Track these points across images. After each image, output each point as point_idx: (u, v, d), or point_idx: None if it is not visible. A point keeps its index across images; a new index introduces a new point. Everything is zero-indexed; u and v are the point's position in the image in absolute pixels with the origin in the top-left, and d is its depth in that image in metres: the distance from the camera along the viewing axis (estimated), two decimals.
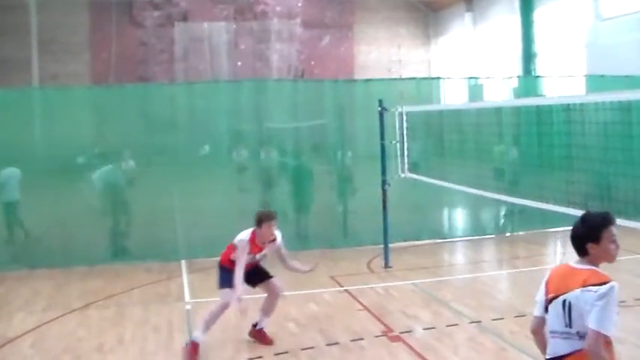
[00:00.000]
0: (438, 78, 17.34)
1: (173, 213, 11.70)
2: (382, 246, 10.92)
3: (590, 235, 3.57)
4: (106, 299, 9.31)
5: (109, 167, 11.82)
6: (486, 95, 14.64)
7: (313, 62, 31.54)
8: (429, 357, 6.61)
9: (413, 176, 10.94)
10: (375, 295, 9.12)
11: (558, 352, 3.60)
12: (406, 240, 12.34)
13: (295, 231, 12.42)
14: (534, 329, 3.90)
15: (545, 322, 3.76)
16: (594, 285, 3.43)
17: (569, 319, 3.54)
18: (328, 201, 12.67)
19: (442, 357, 6.64)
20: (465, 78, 16.07)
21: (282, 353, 6.85)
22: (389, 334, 7.33)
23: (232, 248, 6.92)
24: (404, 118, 10.63)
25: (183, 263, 11.15)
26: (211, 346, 7.04)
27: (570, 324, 3.54)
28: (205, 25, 31.18)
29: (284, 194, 12.52)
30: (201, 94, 12.70)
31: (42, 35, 27.31)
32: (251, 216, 11.77)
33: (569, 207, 7.26)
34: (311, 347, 7.02)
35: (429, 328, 7.51)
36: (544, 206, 7.84)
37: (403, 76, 13.55)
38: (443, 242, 12.94)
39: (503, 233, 13.43)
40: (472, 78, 15.73)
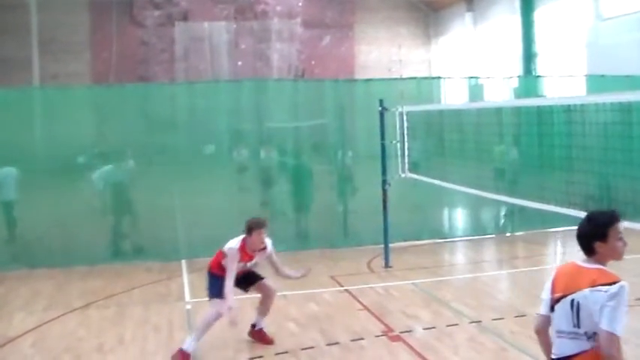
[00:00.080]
0: (439, 78, 17.33)
1: (174, 213, 11.70)
2: (382, 246, 10.92)
3: (597, 234, 3.54)
4: (107, 299, 9.31)
5: (110, 167, 11.82)
6: (487, 95, 14.64)
7: (314, 62, 31.54)
8: (429, 357, 6.61)
9: (413, 176, 10.94)
10: (376, 295, 9.12)
11: (565, 353, 3.55)
12: (406, 240, 12.34)
13: (295, 231, 12.44)
14: (539, 328, 3.81)
15: (550, 322, 3.70)
16: (604, 285, 3.40)
17: (577, 319, 3.49)
18: (328, 201, 12.68)
19: (442, 357, 6.65)
20: (466, 78, 16.07)
21: (282, 353, 6.86)
22: (389, 334, 7.34)
23: (222, 255, 6.82)
24: (404, 118, 10.64)
25: (183, 263, 11.15)
26: (211, 346, 7.05)
27: (578, 324, 3.49)
28: (206, 25, 31.19)
29: (284, 194, 12.53)
30: (201, 94, 12.70)
31: (42, 35, 27.32)
32: (251, 215, 11.86)
33: (569, 208, 7.27)
34: (311, 347, 7.02)
35: (429, 328, 7.52)
36: (544, 207, 7.85)
37: (404, 76, 13.55)
38: (443, 242, 12.94)
39: (503, 233, 13.43)
40: (472, 78, 15.72)
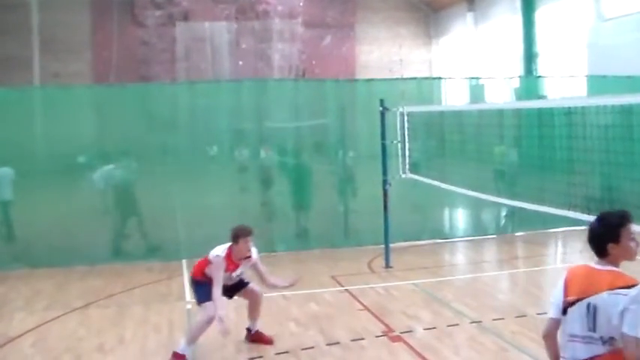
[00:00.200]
0: (440, 78, 17.32)
1: (174, 212, 11.71)
2: (383, 246, 10.92)
3: (609, 235, 3.49)
4: (107, 299, 9.32)
5: (111, 167, 11.83)
6: (487, 95, 14.64)
7: (314, 62, 31.54)
8: (430, 357, 6.61)
9: (414, 176, 10.95)
10: (376, 295, 9.12)
11: (578, 357, 3.48)
12: (407, 240, 12.35)
13: (296, 231, 12.45)
14: (549, 332, 3.68)
15: (559, 325, 3.62)
16: (623, 288, 3.34)
17: (593, 324, 3.42)
18: (329, 201, 12.68)
19: (443, 357, 6.64)
20: (467, 78, 16.07)
21: (282, 353, 6.86)
22: (389, 334, 7.33)
23: (207, 262, 6.78)
24: (405, 118, 10.63)
25: (184, 263, 11.14)
26: (211, 346, 7.05)
27: (594, 328, 3.41)
28: (207, 25, 31.20)
29: (285, 194, 12.53)
30: (202, 94, 12.70)
31: (43, 34, 27.34)
32: (252, 215, 11.90)
33: (570, 210, 7.27)
34: (311, 347, 7.02)
35: (430, 328, 7.51)
36: (545, 209, 7.84)
37: (404, 76, 13.53)
38: (444, 242, 12.94)
39: (504, 233, 13.43)
40: (473, 78, 15.73)
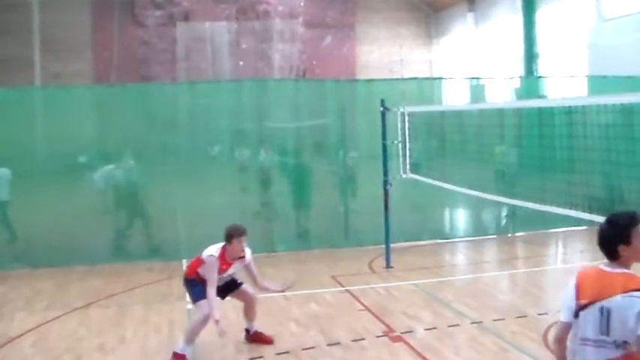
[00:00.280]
0: (440, 78, 17.33)
1: (175, 212, 11.70)
2: (383, 246, 10.92)
3: (619, 237, 3.46)
4: (107, 298, 9.31)
5: (111, 167, 11.83)
6: (488, 95, 14.63)
7: (315, 62, 31.54)
8: (430, 357, 6.60)
9: (414, 176, 10.94)
10: (377, 296, 9.12)
11: None
12: (408, 240, 12.35)
13: (296, 231, 12.45)
14: (561, 337, 3.62)
15: (570, 329, 3.57)
16: (636, 290, 3.31)
17: (606, 327, 3.37)
18: (330, 201, 12.68)
19: (443, 357, 6.64)
20: (467, 78, 16.06)
21: (283, 353, 6.85)
22: (390, 335, 7.33)
23: (200, 262, 6.76)
24: (406, 119, 10.63)
25: (184, 263, 11.11)
26: (211, 346, 7.05)
27: (608, 332, 3.37)
28: (207, 25, 31.20)
29: (285, 194, 12.52)
30: (203, 94, 12.70)
31: (44, 34, 27.35)
32: (252, 215, 11.89)
33: (571, 209, 7.27)
34: (312, 347, 7.01)
35: (430, 329, 7.51)
36: (546, 208, 7.83)
37: (405, 76, 13.53)
38: (444, 242, 12.93)
39: (504, 234, 13.42)
40: (474, 78, 15.72)
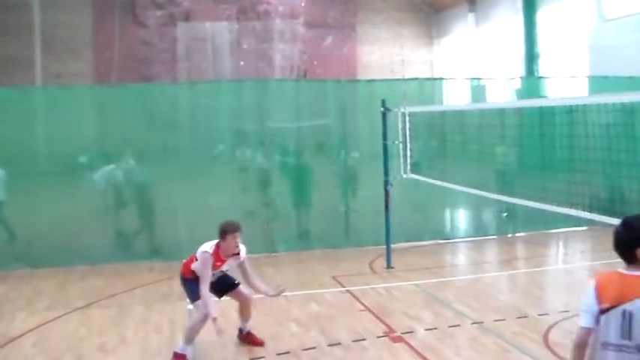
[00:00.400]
0: (441, 78, 17.31)
1: (176, 212, 11.71)
2: (384, 246, 10.92)
3: (637, 240, 3.42)
4: (108, 298, 9.32)
5: (112, 167, 11.84)
6: (489, 96, 14.62)
7: (316, 62, 31.51)
8: (431, 358, 6.60)
9: (415, 177, 10.94)
10: (377, 296, 9.11)
11: None
12: (408, 240, 12.36)
13: (297, 231, 12.45)
14: (582, 342, 3.52)
15: (591, 335, 3.50)
16: None
17: (628, 331, 3.33)
18: (330, 201, 12.67)
19: (444, 358, 6.63)
20: (468, 78, 16.05)
21: (283, 353, 6.85)
22: (391, 335, 7.33)
23: (194, 259, 6.75)
24: (406, 119, 10.63)
25: None
26: (212, 346, 7.05)
27: (630, 336, 3.33)
28: (208, 25, 31.19)
29: (286, 194, 12.52)
30: (203, 94, 12.70)
31: (45, 34, 27.33)
32: (253, 215, 11.90)
33: (571, 209, 7.26)
34: (312, 347, 7.01)
35: (431, 329, 7.50)
36: (546, 207, 7.83)
37: (406, 77, 13.51)
38: (445, 243, 12.93)
39: (505, 234, 13.42)
40: (475, 79, 15.73)
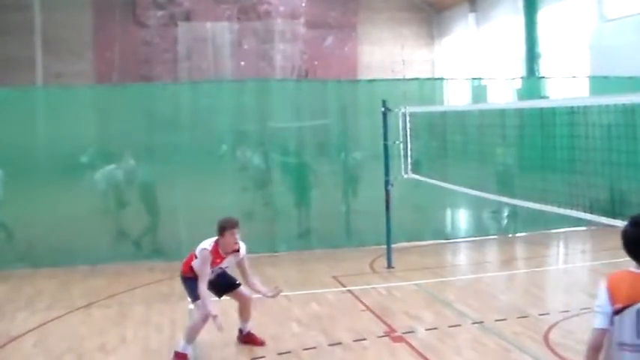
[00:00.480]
0: (442, 78, 17.34)
1: (176, 212, 11.71)
2: (385, 246, 10.93)
3: None
4: (109, 298, 9.32)
5: (112, 167, 11.85)
6: (490, 96, 14.62)
7: (317, 62, 31.51)
8: (432, 357, 6.60)
9: (416, 177, 10.94)
10: (378, 296, 9.12)
11: None
12: (409, 240, 12.37)
13: (298, 231, 12.45)
14: (598, 344, 3.47)
15: (606, 336, 3.47)
16: None
17: None
18: (331, 201, 12.67)
19: (445, 357, 6.64)
20: (469, 78, 16.05)
21: (284, 353, 6.85)
22: (391, 335, 7.33)
23: (193, 257, 6.73)
24: (407, 119, 10.63)
25: None
26: (212, 346, 7.06)
27: None
28: (209, 25, 31.18)
29: (287, 194, 12.52)
30: (204, 94, 12.70)
31: (46, 34, 27.32)
32: (254, 215, 11.91)
33: (572, 210, 7.26)
34: (313, 347, 7.01)
35: (432, 329, 7.51)
36: (547, 208, 7.83)
37: (407, 77, 13.53)
38: (446, 243, 12.93)
39: (505, 234, 13.42)
40: (475, 79, 15.71)
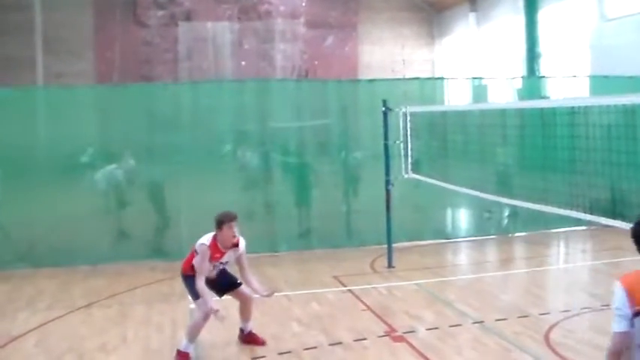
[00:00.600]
0: (442, 78, 17.32)
1: (177, 212, 11.72)
2: (385, 246, 10.93)
3: None
4: (110, 298, 9.33)
5: (113, 166, 11.86)
6: (490, 96, 14.62)
7: (317, 62, 31.52)
8: (432, 357, 6.60)
9: (416, 176, 10.94)
10: (378, 295, 9.12)
11: None
12: (409, 240, 12.37)
13: (298, 231, 12.46)
14: (620, 349, 3.38)
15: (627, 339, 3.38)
16: None
17: None
18: (332, 201, 12.67)
19: (445, 357, 6.64)
20: (469, 78, 16.04)
21: (285, 353, 6.86)
22: (392, 334, 7.34)
23: (194, 254, 6.72)
24: (407, 119, 10.63)
25: None
26: (213, 346, 7.07)
27: None
28: (209, 25, 31.20)
29: (288, 194, 12.52)
30: (205, 94, 12.69)
31: (46, 34, 27.34)
32: (255, 214, 11.91)
33: (572, 210, 7.27)
34: (314, 347, 7.02)
35: (432, 329, 7.51)
36: (547, 209, 7.83)
37: (407, 77, 13.55)
38: (446, 242, 12.93)
39: (506, 234, 13.41)
40: (476, 78, 15.70)
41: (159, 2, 30.67)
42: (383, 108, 10.78)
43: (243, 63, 30.99)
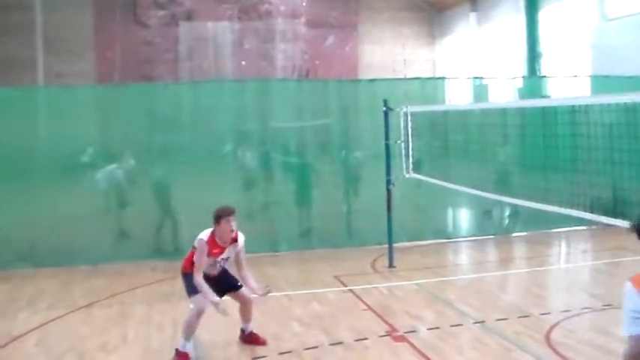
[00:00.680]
0: (443, 78, 17.33)
1: (178, 212, 11.71)
2: (386, 246, 10.92)
3: None
4: (110, 298, 9.33)
5: (113, 166, 11.86)
6: (491, 95, 14.61)
7: (318, 62, 31.52)
8: (433, 357, 6.59)
9: (417, 176, 10.93)
10: (379, 295, 9.12)
11: None
12: (410, 240, 12.36)
13: (299, 231, 12.45)
14: (637, 353, 3.28)
15: None
16: None
17: None
18: (333, 201, 12.67)
19: (446, 357, 6.63)
20: (470, 78, 16.04)
21: (285, 353, 6.85)
22: (393, 334, 7.33)
23: (194, 252, 6.71)
24: (408, 118, 10.62)
25: None
26: (214, 346, 7.06)
27: None
28: (210, 25, 31.20)
29: (288, 193, 12.52)
30: (205, 94, 12.69)
31: (47, 34, 27.33)
32: (255, 214, 11.91)
33: (573, 209, 7.25)
34: (315, 347, 7.01)
35: (433, 328, 7.50)
36: (548, 208, 7.83)
37: (408, 76, 13.53)
38: (447, 242, 12.92)
39: (507, 233, 13.41)
40: (477, 78, 15.70)
41: (159, 2, 30.67)
42: (384, 108, 10.77)
43: (243, 63, 30.99)
